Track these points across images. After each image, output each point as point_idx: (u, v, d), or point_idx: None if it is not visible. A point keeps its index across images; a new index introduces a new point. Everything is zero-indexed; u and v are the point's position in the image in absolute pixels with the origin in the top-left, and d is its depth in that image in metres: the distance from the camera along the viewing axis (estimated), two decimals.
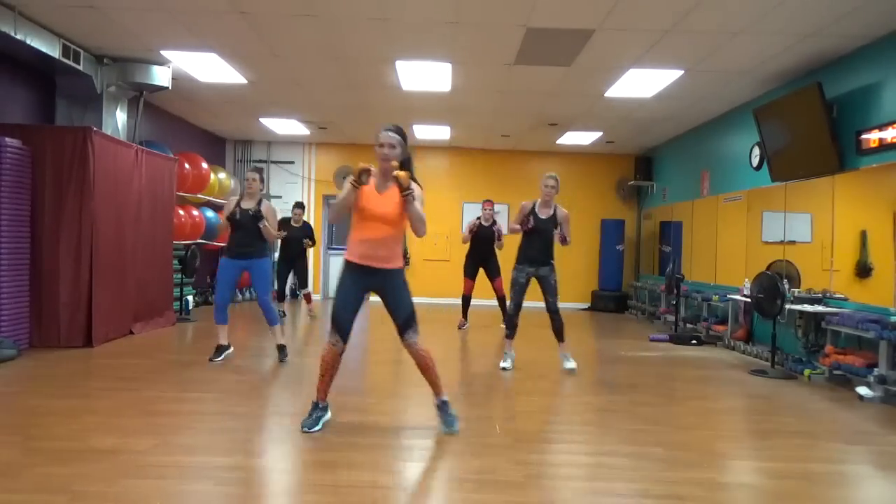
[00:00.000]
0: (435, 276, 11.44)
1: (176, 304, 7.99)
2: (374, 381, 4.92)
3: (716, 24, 5.08)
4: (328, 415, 3.62)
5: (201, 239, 8.95)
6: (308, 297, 8.72)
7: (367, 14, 5.15)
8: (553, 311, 5.36)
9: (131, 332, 6.59)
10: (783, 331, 6.00)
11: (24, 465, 2.87)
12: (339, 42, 5.83)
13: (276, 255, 9.00)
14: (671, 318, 8.32)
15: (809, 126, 5.76)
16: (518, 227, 5.40)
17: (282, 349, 5.50)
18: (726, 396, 4.88)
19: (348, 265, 3.52)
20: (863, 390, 4.70)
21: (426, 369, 3.57)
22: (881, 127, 5.12)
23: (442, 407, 3.59)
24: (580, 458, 3.30)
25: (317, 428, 3.50)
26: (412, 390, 4.68)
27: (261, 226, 5.27)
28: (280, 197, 11.49)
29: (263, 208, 5.32)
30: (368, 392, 4.65)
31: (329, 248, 11.76)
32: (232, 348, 5.56)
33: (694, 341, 7.31)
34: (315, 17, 5.25)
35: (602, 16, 5.03)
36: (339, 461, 3.07)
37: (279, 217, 8.43)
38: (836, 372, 5.22)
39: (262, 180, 5.51)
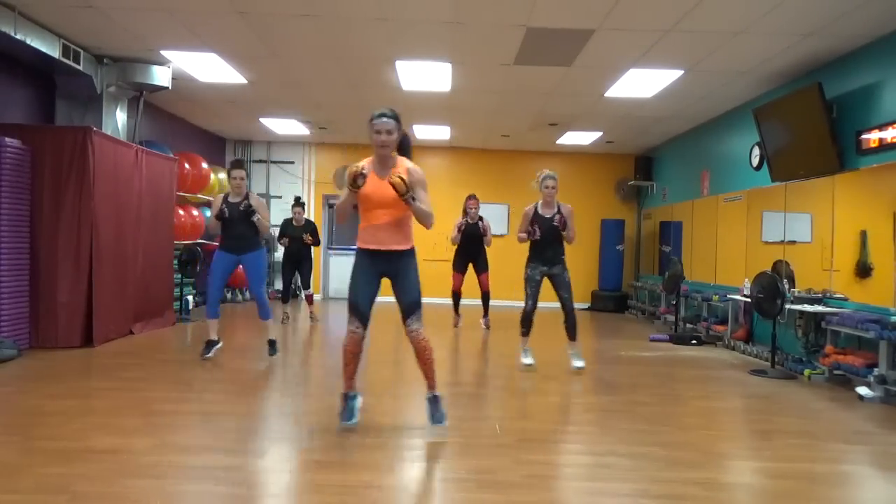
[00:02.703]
0: (435, 277, 11.40)
1: (176, 305, 7.98)
2: (374, 381, 4.92)
3: (716, 24, 5.08)
4: (360, 400, 3.64)
5: (201, 239, 8.95)
6: (310, 299, 8.54)
7: (367, 14, 5.15)
8: (568, 308, 5.35)
9: (131, 332, 6.59)
10: (783, 331, 6.00)
11: (24, 465, 2.87)
12: (339, 42, 5.83)
13: (281, 255, 8.94)
14: (671, 318, 8.32)
15: (809, 126, 5.76)
16: (525, 236, 5.39)
17: (272, 344, 5.51)
18: (726, 396, 4.88)
19: (360, 252, 3.53)
20: (863, 390, 4.70)
21: (424, 360, 3.56)
22: (881, 127, 5.12)
23: (433, 401, 3.59)
24: (580, 458, 3.30)
25: (354, 420, 3.53)
26: (412, 390, 4.68)
27: (254, 220, 5.27)
28: (280, 197, 11.50)
29: (253, 202, 5.32)
30: (368, 392, 4.64)
31: (329, 248, 11.76)
32: (221, 343, 5.54)
33: (694, 341, 7.31)
34: (315, 17, 5.25)
35: (602, 16, 5.02)
36: (339, 461, 3.07)
37: (282, 219, 8.43)
38: (836, 372, 5.22)
39: (247, 175, 5.48)
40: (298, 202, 8.35)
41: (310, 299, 8.46)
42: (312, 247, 8.21)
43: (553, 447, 3.48)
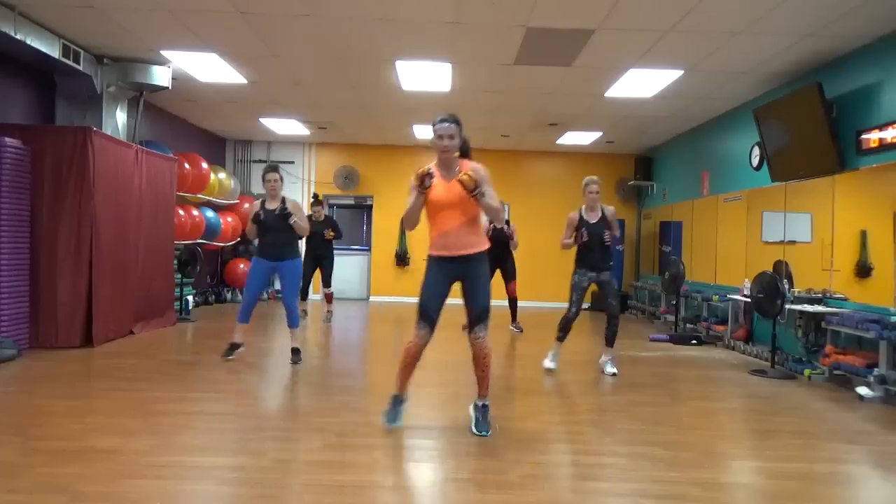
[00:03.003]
0: None
1: (176, 304, 7.98)
2: (374, 381, 4.92)
3: (716, 24, 5.08)
4: (406, 405, 3.64)
5: (201, 239, 8.95)
6: (329, 297, 8.36)
7: (367, 14, 5.15)
8: (614, 314, 5.34)
9: (132, 332, 6.59)
10: (783, 331, 6.00)
11: (24, 465, 2.87)
12: (339, 42, 5.83)
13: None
14: (671, 317, 8.32)
15: (809, 126, 5.76)
16: (570, 241, 5.35)
17: (296, 352, 5.42)
18: (726, 396, 4.88)
19: (432, 259, 3.55)
20: (863, 390, 4.70)
21: (483, 367, 3.56)
22: (881, 127, 5.12)
23: (483, 410, 3.58)
24: (580, 458, 3.30)
25: (399, 422, 3.53)
26: (412, 390, 4.67)
27: (291, 223, 5.21)
28: None
29: (289, 205, 5.27)
30: (368, 392, 4.65)
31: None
32: (244, 347, 5.54)
33: (694, 341, 7.31)
34: (315, 17, 5.25)
35: (602, 16, 5.03)
36: (339, 461, 3.07)
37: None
38: (836, 372, 5.22)
39: (282, 179, 5.42)
40: (318, 201, 8.29)
41: (329, 298, 8.31)
42: (334, 241, 8.11)
43: (553, 447, 3.48)
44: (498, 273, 7.70)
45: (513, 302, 7.78)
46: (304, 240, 5.70)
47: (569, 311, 5.37)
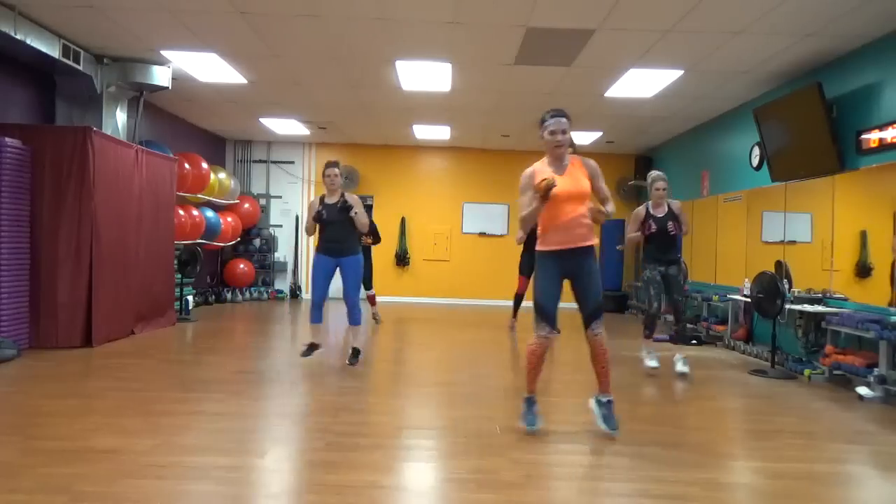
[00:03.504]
0: (435, 277, 11.45)
1: (176, 304, 7.98)
2: (374, 381, 4.92)
3: (716, 24, 5.08)
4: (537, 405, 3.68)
5: (201, 239, 8.95)
6: (372, 299, 8.13)
7: (367, 14, 5.15)
8: (679, 310, 5.38)
9: (132, 333, 6.59)
10: (783, 331, 6.00)
11: (24, 465, 2.87)
12: (339, 42, 5.83)
13: None
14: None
15: (809, 126, 5.76)
16: (637, 234, 5.37)
17: (356, 352, 5.35)
18: (726, 396, 4.88)
19: (544, 256, 3.56)
20: (863, 390, 4.70)
21: (602, 363, 3.57)
22: (881, 127, 5.12)
23: (608, 405, 3.59)
24: (580, 458, 3.30)
25: (539, 424, 3.58)
26: (412, 390, 4.68)
27: (352, 215, 5.14)
28: (280, 197, 11.51)
29: (350, 199, 5.21)
30: (368, 392, 4.65)
31: None
32: (322, 347, 5.45)
33: (694, 341, 7.31)
34: (315, 17, 5.25)
35: (602, 16, 5.03)
36: (339, 461, 3.07)
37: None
38: (836, 372, 5.22)
39: (341, 173, 5.33)
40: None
41: (372, 300, 8.17)
42: (373, 246, 7.89)
43: (553, 447, 3.47)
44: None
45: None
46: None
47: (650, 307, 5.43)
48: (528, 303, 4.98)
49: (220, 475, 2.86)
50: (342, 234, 5.22)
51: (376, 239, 7.84)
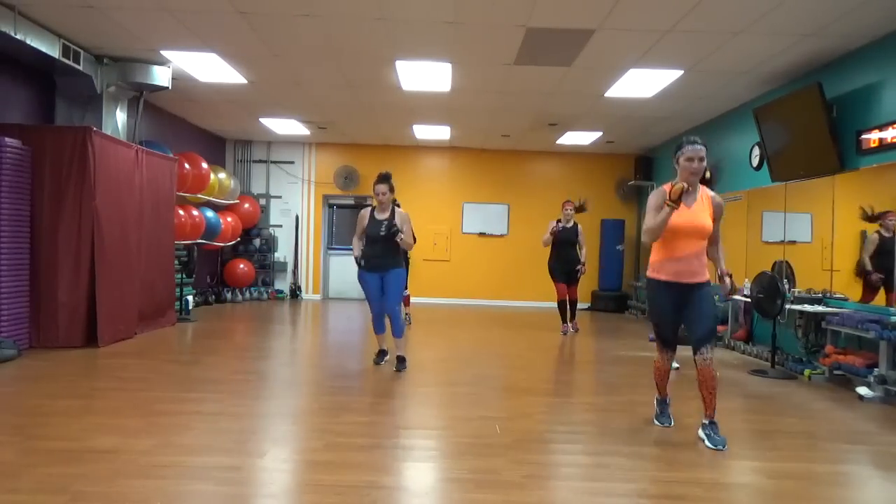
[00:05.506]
0: (435, 277, 11.45)
1: (176, 304, 7.98)
2: (374, 381, 4.92)
3: (716, 24, 5.08)
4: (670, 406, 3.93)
5: (201, 239, 8.95)
6: (406, 300, 8.01)
7: (367, 14, 5.15)
8: None
9: (136, 333, 6.59)
10: (783, 331, 6.00)
11: (24, 465, 2.87)
12: (339, 42, 5.83)
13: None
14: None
15: (809, 126, 5.76)
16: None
17: (401, 361, 5.34)
18: (726, 396, 4.87)
19: (657, 284, 3.60)
20: (863, 390, 4.70)
21: (710, 389, 3.53)
22: (881, 127, 5.12)
23: (711, 426, 3.56)
24: (580, 458, 3.30)
25: (672, 421, 3.86)
26: (412, 390, 4.69)
27: (398, 240, 5.12)
28: (280, 197, 11.51)
29: (398, 220, 5.17)
30: (368, 392, 4.65)
31: (329, 249, 11.75)
32: (389, 354, 5.53)
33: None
34: (315, 17, 5.25)
35: (602, 16, 5.03)
36: (339, 461, 3.07)
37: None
38: (836, 372, 5.22)
39: (391, 189, 5.20)
40: (396, 203, 8.13)
41: (406, 300, 8.09)
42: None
43: (553, 447, 3.48)
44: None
45: (572, 304, 7.82)
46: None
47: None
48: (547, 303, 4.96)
49: (220, 475, 2.86)
50: (386, 252, 5.21)
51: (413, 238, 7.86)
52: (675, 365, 5.48)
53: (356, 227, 5.36)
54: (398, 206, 5.22)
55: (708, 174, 3.64)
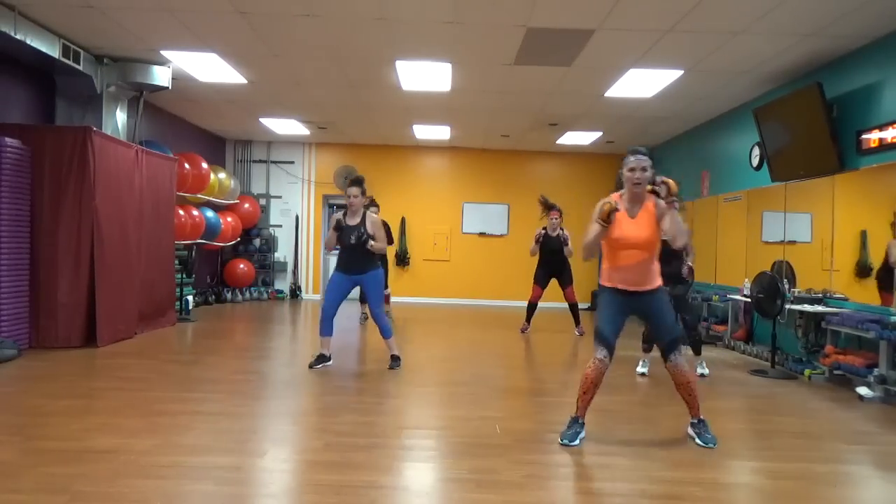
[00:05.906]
0: (434, 276, 11.45)
1: (176, 304, 7.98)
2: (374, 381, 4.92)
3: (716, 24, 5.08)
4: (584, 432, 3.54)
5: (201, 239, 8.95)
6: (386, 298, 7.98)
7: (367, 14, 5.15)
8: (691, 326, 5.34)
9: (136, 333, 6.59)
10: (783, 331, 6.00)
11: (24, 465, 2.87)
12: (339, 42, 5.83)
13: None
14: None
15: (809, 126, 5.76)
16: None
17: (395, 359, 5.36)
18: (726, 396, 4.88)
19: (609, 289, 3.54)
20: (863, 390, 4.70)
21: (688, 391, 3.56)
22: (881, 127, 5.12)
23: (700, 425, 3.57)
24: (580, 458, 3.30)
25: (575, 442, 3.44)
26: (412, 390, 4.68)
27: (369, 247, 5.12)
28: (280, 197, 11.51)
29: (368, 226, 5.14)
30: (368, 392, 4.65)
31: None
32: (332, 361, 5.40)
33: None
34: (315, 17, 5.25)
35: (602, 16, 5.03)
36: (339, 461, 3.07)
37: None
38: (836, 372, 5.22)
39: (363, 192, 5.22)
40: (374, 202, 8.02)
41: (386, 299, 8.00)
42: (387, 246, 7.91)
43: (552, 447, 3.47)
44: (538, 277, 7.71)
45: (573, 307, 7.78)
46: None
47: (690, 320, 5.42)
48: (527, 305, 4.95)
49: (220, 475, 2.86)
50: (361, 258, 5.19)
51: (389, 240, 7.81)
52: (703, 371, 5.47)
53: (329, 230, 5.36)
54: (376, 206, 5.19)
55: (648, 187, 3.54)
